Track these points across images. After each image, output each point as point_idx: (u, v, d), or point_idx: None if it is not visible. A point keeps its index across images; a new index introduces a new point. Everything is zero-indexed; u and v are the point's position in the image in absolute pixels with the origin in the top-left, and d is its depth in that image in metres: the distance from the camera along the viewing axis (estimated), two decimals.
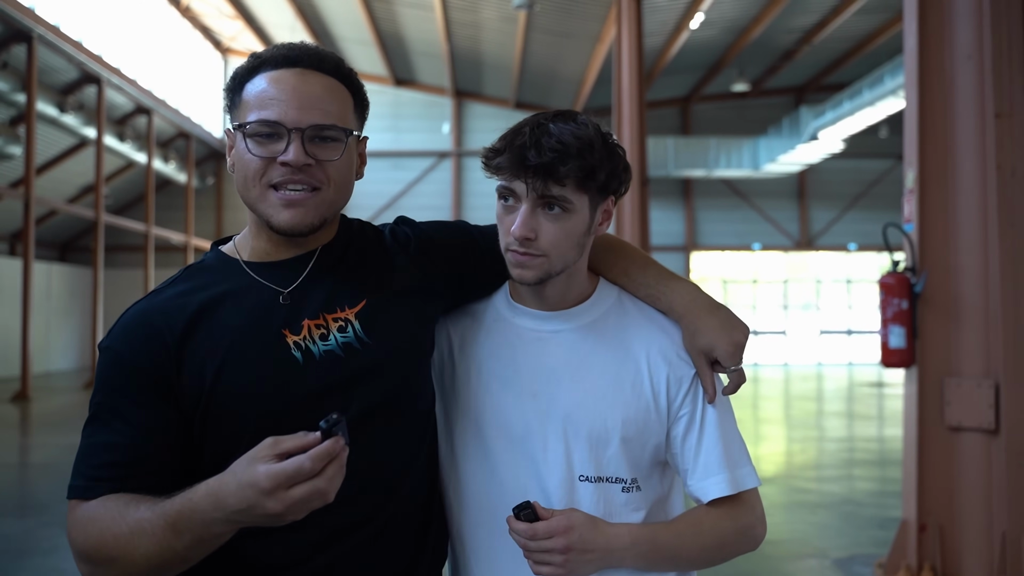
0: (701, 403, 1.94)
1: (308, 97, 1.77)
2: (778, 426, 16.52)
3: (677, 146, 33.25)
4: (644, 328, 2.00)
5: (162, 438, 1.73)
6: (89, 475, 1.70)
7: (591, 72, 28.67)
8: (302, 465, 1.46)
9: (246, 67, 1.83)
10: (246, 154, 1.77)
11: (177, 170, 30.96)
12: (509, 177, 1.84)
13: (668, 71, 30.49)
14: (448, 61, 30.31)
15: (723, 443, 1.93)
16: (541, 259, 1.87)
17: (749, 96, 34.62)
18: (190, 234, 31.15)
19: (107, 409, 1.73)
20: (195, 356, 1.75)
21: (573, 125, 1.84)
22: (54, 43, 21.39)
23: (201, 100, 32.83)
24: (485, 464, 1.97)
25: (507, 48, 28.48)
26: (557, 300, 1.99)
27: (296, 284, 1.85)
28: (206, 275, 1.87)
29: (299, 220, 1.79)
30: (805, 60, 31.21)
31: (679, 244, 35.18)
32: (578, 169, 1.81)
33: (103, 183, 25.27)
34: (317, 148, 1.77)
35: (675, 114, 35.80)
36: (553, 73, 30.57)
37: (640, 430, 1.93)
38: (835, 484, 10.62)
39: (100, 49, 24.39)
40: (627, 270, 2.08)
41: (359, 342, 1.83)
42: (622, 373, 1.95)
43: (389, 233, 2.05)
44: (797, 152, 31.28)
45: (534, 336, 2.00)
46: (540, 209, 1.84)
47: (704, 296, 2.00)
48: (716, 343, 1.92)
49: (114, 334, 1.79)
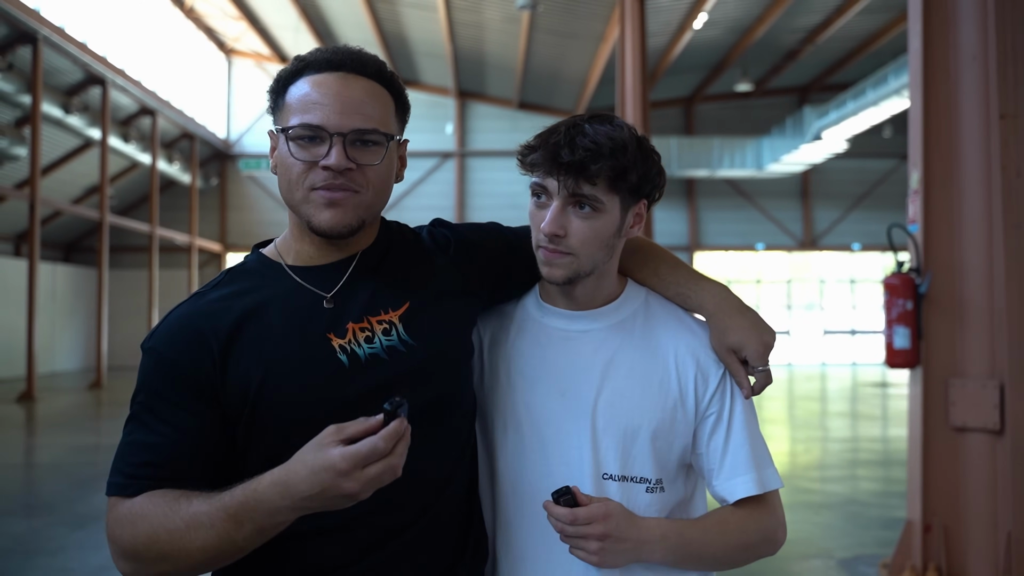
0: (728, 403, 1.96)
1: (350, 102, 1.79)
2: (782, 426, 16.49)
3: (681, 146, 33.21)
4: (672, 327, 2.02)
5: (202, 441, 1.75)
6: (128, 472, 1.72)
7: (595, 72, 28.66)
8: (376, 445, 1.50)
9: (290, 70, 1.85)
10: (288, 157, 1.80)
11: (181, 171, 30.98)
12: (542, 174, 1.87)
13: (671, 71, 30.48)
14: (451, 61, 30.30)
15: (750, 443, 1.95)
16: (570, 257, 1.89)
17: (753, 96, 34.60)
18: (194, 235, 31.20)
19: (148, 409, 1.75)
20: (240, 361, 1.77)
21: (608, 127, 1.86)
22: (59, 44, 21.43)
23: (205, 101, 32.85)
24: (516, 461, 1.99)
25: (510, 48, 28.47)
26: (586, 300, 2.01)
27: (339, 287, 1.86)
28: (249, 278, 1.89)
29: (338, 220, 1.80)
30: (809, 60, 31.17)
31: (683, 244, 35.14)
32: (609, 169, 1.83)
33: (108, 184, 25.30)
34: (358, 152, 1.79)
35: (678, 114, 35.78)
36: (557, 73, 30.56)
37: (667, 429, 1.94)
38: (839, 484, 10.61)
39: (105, 50, 24.42)
40: (657, 270, 2.10)
41: (403, 344, 1.84)
42: (650, 372, 1.97)
43: (427, 235, 2.07)
44: (801, 152, 31.24)
45: (563, 335, 2.02)
46: (571, 207, 1.86)
47: (734, 297, 2.02)
48: (746, 342, 1.94)
49: (158, 335, 1.80)
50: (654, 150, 1.93)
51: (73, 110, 23.49)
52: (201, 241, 32.17)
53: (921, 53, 5.83)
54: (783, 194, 35.78)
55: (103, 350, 24.76)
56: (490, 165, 34.42)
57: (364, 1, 25.84)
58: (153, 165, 27.97)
